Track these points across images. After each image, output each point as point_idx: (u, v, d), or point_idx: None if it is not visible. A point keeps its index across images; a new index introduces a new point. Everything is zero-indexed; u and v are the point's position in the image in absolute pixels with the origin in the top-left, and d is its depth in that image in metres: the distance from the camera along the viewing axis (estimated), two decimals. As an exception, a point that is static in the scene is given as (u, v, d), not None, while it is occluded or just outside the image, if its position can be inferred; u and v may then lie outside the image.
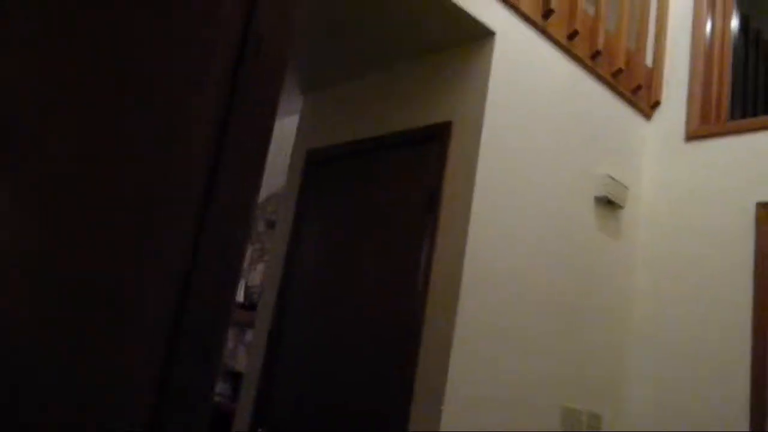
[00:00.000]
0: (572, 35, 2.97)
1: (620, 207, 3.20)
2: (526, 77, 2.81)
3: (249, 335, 5.54)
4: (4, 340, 0.61)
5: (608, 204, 3.14)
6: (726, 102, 3.51)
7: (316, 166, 3.35)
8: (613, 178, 3.13)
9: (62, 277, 0.66)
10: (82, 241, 0.67)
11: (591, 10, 3.15)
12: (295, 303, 3.12)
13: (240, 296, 5.84)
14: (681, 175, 3.34)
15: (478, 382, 2.46)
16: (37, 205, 0.64)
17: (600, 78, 3.18)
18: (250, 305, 5.60)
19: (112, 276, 0.70)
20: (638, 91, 3.42)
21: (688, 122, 3.41)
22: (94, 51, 0.71)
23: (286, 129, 3.67)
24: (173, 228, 0.77)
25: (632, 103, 3.40)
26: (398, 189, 2.84)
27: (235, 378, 5.11)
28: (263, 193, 6.04)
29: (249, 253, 6.07)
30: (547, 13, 2.85)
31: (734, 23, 3.70)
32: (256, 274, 6.03)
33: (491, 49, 2.68)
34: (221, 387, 5.30)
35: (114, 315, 0.69)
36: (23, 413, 0.62)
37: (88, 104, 0.70)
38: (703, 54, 3.52)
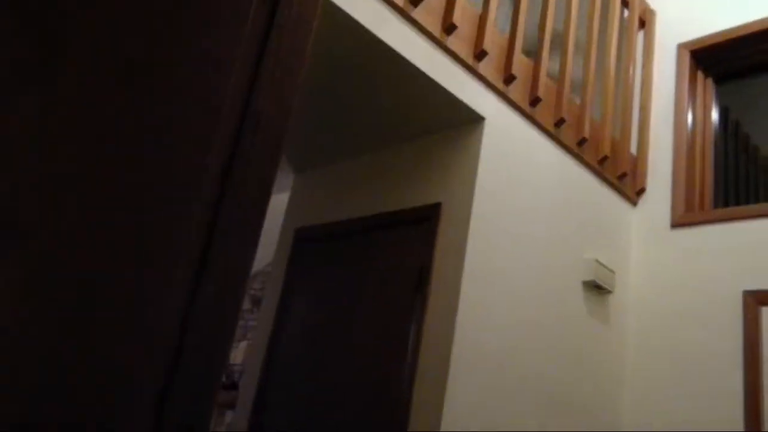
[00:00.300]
0: (559, 123, 3.05)
1: (608, 291, 3.20)
2: (514, 161, 2.86)
3: (229, 416, 5.36)
4: (4, 341, 0.60)
5: (596, 288, 3.14)
6: (709, 190, 3.58)
7: (305, 244, 3.34)
8: (600, 263, 3.15)
9: (63, 278, 0.65)
10: (83, 242, 0.67)
11: (577, 99, 3.26)
12: (280, 381, 3.04)
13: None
14: (668, 261, 3.37)
15: (466, 470, 2.38)
16: (37, 206, 0.64)
17: (586, 164, 3.25)
18: (231, 385, 5.45)
19: (112, 277, 0.69)
20: (624, 178, 3.49)
21: (673, 209, 3.46)
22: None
23: (274, 206, 3.68)
24: (177, 229, 0.77)
25: (618, 190, 3.46)
26: (387, 269, 2.83)
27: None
28: (249, 269, 5.99)
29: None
30: (535, 101, 2.94)
31: (714, 115, 3.83)
32: (239, 353, 5.89)
33: (481, 134, 2.74)
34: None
35: (114, 317, 0.69)
36: (22, 414, 0.61)
37: (89, 104, 0.70)
38: (685, 143, 3.62)
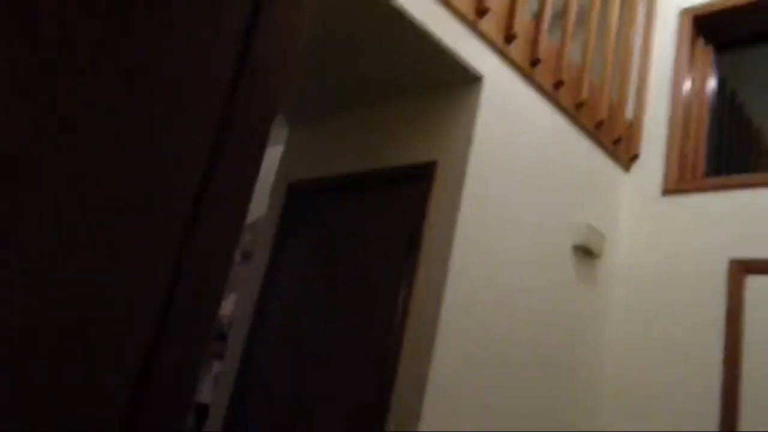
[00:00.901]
0: (558, 84, 3.03)
1: (597, 256, 3.23)
2: (511, 122, 2.85)
3: (216, 367, 5.42)
4: (3, 342, 0.61)
5: (586, 253, 3.17)
6: (702, 159, 3.59)
7: (298, 198, 3.33)
8: (591, 227, 3.17)
9: (63, 279, 0.65)
10: (83, 241, 0.67)
11: (577, 61, 3.23)
12: (269, 335, 3.07)
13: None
14: (657, 228, 3.39)
15: (452, 425, 2.43)
16: (37, 206, 0.63)
17: (583, 128, 3.24)
18: (219, 336, 5.50)
19: (99, 275, 0.69)
20: (618, 143, 3.49)
21: (665, 177, 3.47)
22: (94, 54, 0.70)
23: (267, 159, 3.66)
24: (163, 229, 0.77)
25: (612, 155, 3.46)
26: (379, 226, 2.84)
27: (199, 409, 4.98)
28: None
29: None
30: (535, 61, 2.91)
31: (712, 83, 3.82)
32: (227, 304, 5.93)
33: (479, 92, 2.71)
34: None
35: (98, 314, 0.69)
36: (23, 414, 0.62)
37: (88, 104, 0.69)
38: (681, 111, 3.61)
